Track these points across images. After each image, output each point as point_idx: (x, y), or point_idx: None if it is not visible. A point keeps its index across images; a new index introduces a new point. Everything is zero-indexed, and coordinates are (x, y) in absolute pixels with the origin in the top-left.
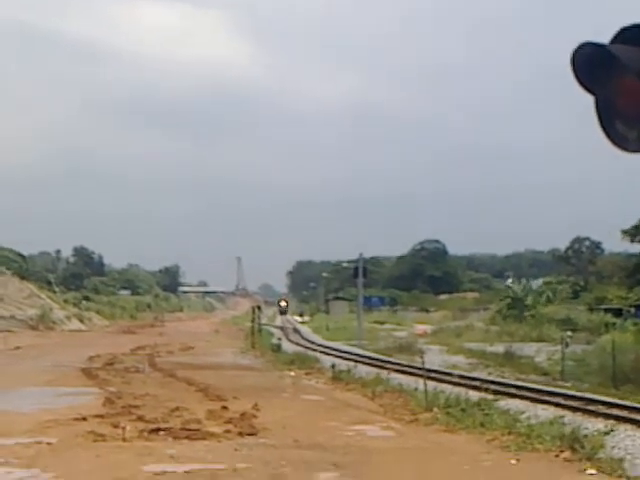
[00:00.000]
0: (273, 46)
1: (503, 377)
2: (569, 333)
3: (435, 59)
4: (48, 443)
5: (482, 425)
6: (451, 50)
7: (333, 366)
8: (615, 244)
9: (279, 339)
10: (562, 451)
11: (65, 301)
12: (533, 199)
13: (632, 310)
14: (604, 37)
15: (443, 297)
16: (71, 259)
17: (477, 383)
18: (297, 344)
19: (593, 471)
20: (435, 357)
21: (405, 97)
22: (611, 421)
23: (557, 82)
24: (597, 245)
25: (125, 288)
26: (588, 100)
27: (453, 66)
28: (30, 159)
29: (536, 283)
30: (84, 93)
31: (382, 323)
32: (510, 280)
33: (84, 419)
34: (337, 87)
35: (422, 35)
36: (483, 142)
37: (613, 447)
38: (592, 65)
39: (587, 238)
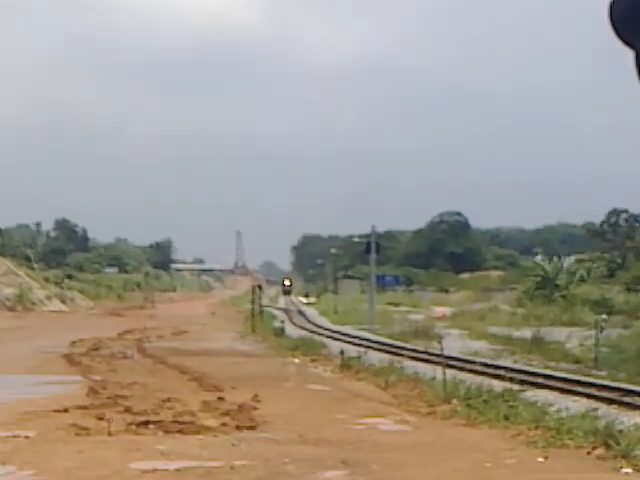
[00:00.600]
0: None
1: (530, 365)
2: (604, 316)
3: (454, 10)
4: (26, 437)
5: (506, 419)
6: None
7: (342, 352)
8: None
9: (282, 322)
10: (595, 448)
11: (45, 279)
12: (565, 166)
13: None
14: None
15: (464, 276)
16: (52, 233)
17: (501, 372)
18: (302, 328)
19: (629, 470)
20: (455, 343)
21: (427, 50)
22: None
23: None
24: (636, 218)
25: (112, 265)
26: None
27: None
28: (5, 111)
29: (568, 260)
30: (67, 42)
31: (397, 305)
32: (539, 257)
33: (66, 410)
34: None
35: None
36: (511, 110)
37: None
38: (631, 16)
39: (625, 210)
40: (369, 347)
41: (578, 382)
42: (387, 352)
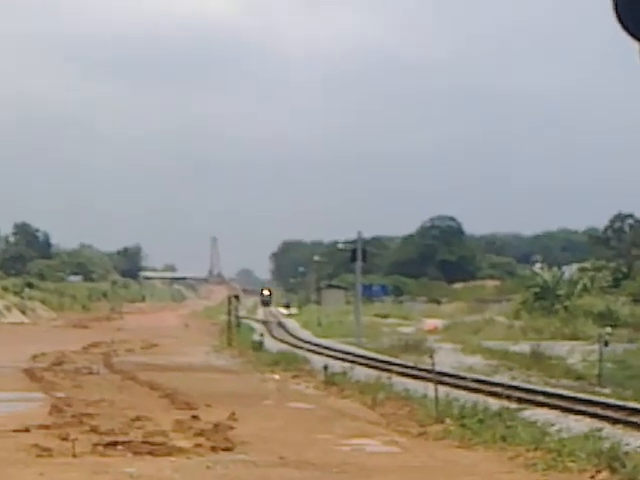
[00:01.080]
0: None
1: (529, 382)
2: (608, 329)
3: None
4: None
5: (503, 439)
6: None
7: (325, 368)
8: None
9: (261, 335)
10: (599, 471)
11: (4, 289)
12: (566, 169)
13: None
14: None
15: (458, 286)
16: (11, 238)
17: (498, 389)
18: (283, 341)
19: None
20: (448, 358)
21: (415, 40)
22: None
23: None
24: None
25: (76, 273)
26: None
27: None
28: None
29: (569, 269)
30: (46, 32)
31: (385, 317)
32: (538, 265)
33: (27, 430)
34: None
35: None
36: (509, 108)
37: None
38: (637, 8)
39: (630, 215)
40: (355, 362)
41: (581, 400)
42: (375, 367)
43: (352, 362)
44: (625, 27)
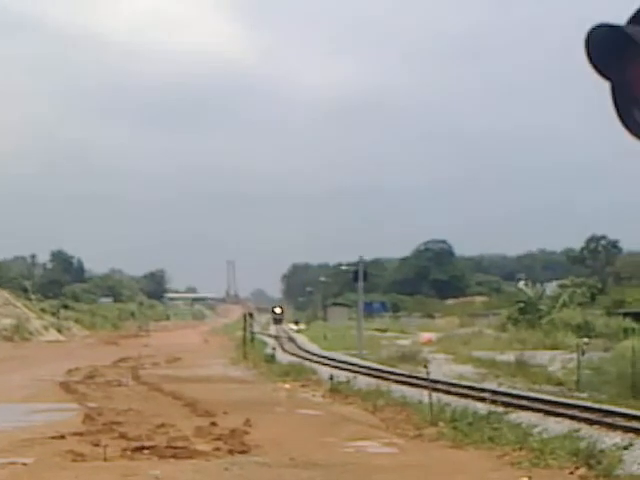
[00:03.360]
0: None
1: (514, 388)
2: (585, 340)
3: (440, 44)
4: (24, 464)
5: (491, 440)
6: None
7: (331, 378)
8: (634, 242)
9: (273, 349)
10: (577, 468)
11: (42, 310)
12: (545, 195)
13: None
14: (621, 18)
15: (450, 302)
16: (49, 264)
17: (486, 395)
18: (292, 354)
19: None
20: (441, 367)
21: (406, 83)
22: (630, 434)
23: (573, 67)
24: (614, 244)
25: (107, 295)
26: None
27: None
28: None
29: (549, 286)
30: (67, 81)
31: (384, 331)
32: (522, 283)
33: (62, 437)
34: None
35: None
36: (492, 131)
37: (633, 462)
38: (607, 48)
39: (603, 237)
40: (358, 372)
41: (561, 404)
42: (375, 377)
43: (355, 372)
44: (595, 67)
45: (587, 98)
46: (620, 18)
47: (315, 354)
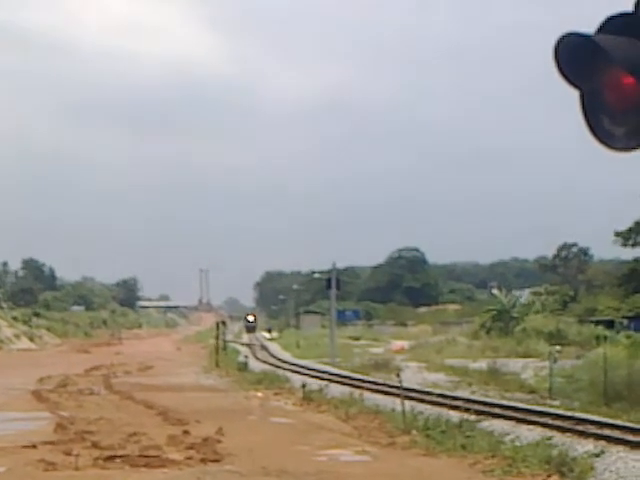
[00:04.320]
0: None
1: (487, 396)
2: (557, 347)
3: (423, 52)
4: None
5: (464, 448)
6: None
7: (304, 386)
8: (605, 250)
9: (246, 357)
10: (549, 475)
11: (14, 318)
12: (517, 204)
13: (624, 322)
14: (589, 27)
15: (422, 310)
16: (20, 272)
17: (459, 403)
18: (265, 362)
19: None
20: (414, 375)
21: (383, 91)
22: (602, 442)
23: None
24: (585, 252)
25: (78, 304)
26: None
27: (443, 61)
28: None
29: (523, 294)
30: (41, 92)
31: (357, 339)
32: (495, 291)
33: (34, 446)
34: (313, 83)
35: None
36: (466, 145)
37: (604, 470)
38: (576, 57)
39: (574, 244)
40: (330, 380)
41: (533, 411)
42: (348, 385)
43: (327, 380)
44: (564, 75)
45: (555, 107)
46: None
47: (288, 362)
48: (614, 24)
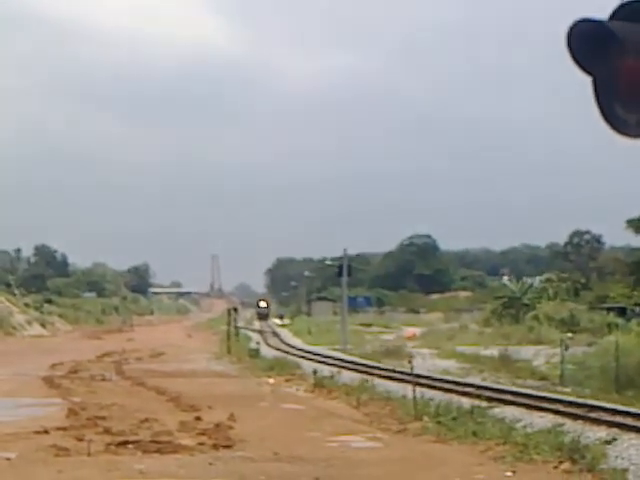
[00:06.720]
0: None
1: (498, 383)
2: (569, 334)
3: (433, 38)
4: (7, 459)
5: (475, 435)
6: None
7: (315, 372)
8: (617, 237)
9: (257, 343)
10: (561, 462)
11: (26, 304)
12: (530, 189)
13: (636, 309)
14: (603, 13)
15: (434, 297)
16: (32, 259)
17: (470, 389)
18: (277, 349)
19: None
20: (425, 362)
21: (394, 76)
22: (614, 429)
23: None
24: (598, 239)
25: (90, 290)
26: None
27: (453, 42)
28: None
29: (534, 281)
30: (50, 74)
31: (368, 325)
32: (506, 278)
33: (46, 432)
34: (322, 66)
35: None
36: (476, 126)
37: (616, 457)
38: (589, 43)
39: (587, 232)
40: (342, 367)
41: (544, 398)
42: (359, 371)
43: (339, 367)
44: (577, 61)
45: (572, 92)
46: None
47: (299, 349)
48: (627, 10)
